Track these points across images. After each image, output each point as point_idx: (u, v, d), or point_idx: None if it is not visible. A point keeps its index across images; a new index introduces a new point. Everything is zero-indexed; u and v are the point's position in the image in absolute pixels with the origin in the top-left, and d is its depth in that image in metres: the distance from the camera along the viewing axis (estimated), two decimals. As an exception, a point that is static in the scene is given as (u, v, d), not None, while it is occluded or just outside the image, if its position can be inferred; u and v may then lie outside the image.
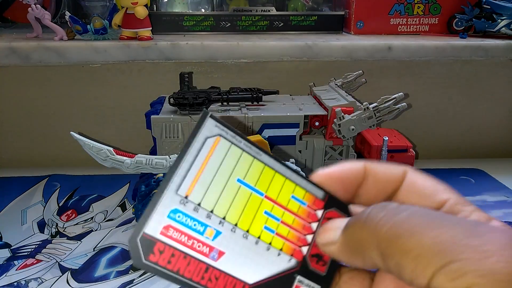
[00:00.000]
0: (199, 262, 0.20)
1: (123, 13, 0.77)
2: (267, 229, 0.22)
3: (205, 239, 0.21)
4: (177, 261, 0.20)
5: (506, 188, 0.78)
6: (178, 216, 0.20)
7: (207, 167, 0.21)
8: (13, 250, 0.60)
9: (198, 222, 0.21)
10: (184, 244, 0.20)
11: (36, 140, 0.85)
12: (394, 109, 0.61)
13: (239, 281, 0.21)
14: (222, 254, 0.21)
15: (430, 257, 0.17)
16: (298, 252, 0.23)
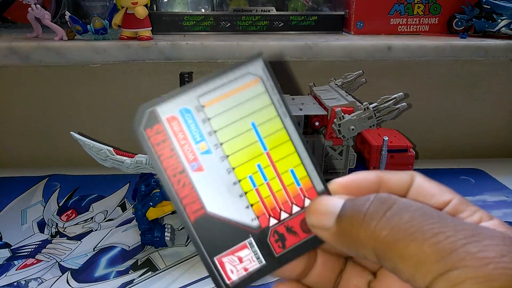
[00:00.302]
0: (179, 161, 0.22)
1: (123, 13, 0.77)
2: (250, 180, 0.22)
3: (196, 148, 0.22)
4: (164, 148, 0.22)
5: (506, 188, 0.78)
6: (187, 116, 0.22)
7: (234, 96, 0.22)
8: (13, 250, 0.60)
9: (199, 132, 0.22)
10: (178, 140, 0.22)
11: (36, 140, 0.85)
12: (394, 109, 0.61)
13: (199, 201, 0.22)
14: (201, 169, 0.22)
15: (430, 265, 0.17)
16: (265, 219, 0.23)
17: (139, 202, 0.58)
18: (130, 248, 0.61)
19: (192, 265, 0.57)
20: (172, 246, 0.61)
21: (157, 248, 0.60)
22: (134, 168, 0.55)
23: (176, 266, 0.57)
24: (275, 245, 0.22)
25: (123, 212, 0.70)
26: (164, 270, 0.56)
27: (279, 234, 0.23)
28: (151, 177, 0.60)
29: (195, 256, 0.59)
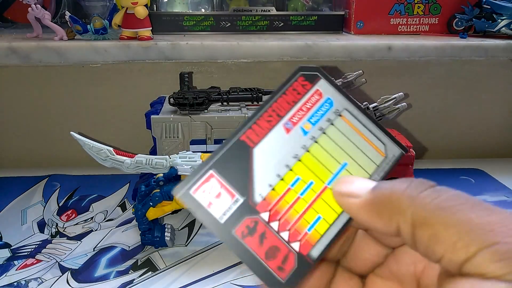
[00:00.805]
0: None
1: (123, 13, 0.77)
2: (294, 181, 0.23)
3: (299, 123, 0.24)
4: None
5: (506, 188, 0.78)
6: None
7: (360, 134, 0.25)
8: (13, 250, 0.60)
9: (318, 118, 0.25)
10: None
11: (36, 140, 0.85)
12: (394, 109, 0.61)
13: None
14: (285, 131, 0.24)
15: (477, 234, 0.17)
16: (264, 208, 0.22)
17: (139, 202, 0.58)
18: (130, 248, 0.61)
19: (192, 265, 0.57)
20: (172, 246, 0.61)
21: (157, 248, 0.60)
22: (134, 168, 0.55)
23: (176, 266, 0.57)
24: (239, 232, 0.22)
25: (123, 212, 0.70)
26: (164, 270, 0.56)
27: (252, 230, 0.22)
28: (151, 177, 0.60)
29: (195, 256, 0.59)
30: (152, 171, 0.56)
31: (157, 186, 0.57)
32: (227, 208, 0.22)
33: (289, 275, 0.21)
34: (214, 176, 0.22)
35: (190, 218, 0.68)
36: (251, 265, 0.21)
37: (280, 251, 0.22)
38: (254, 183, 0.22)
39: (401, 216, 0.19)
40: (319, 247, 0.22)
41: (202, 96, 0.64)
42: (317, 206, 0.22)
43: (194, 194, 0.22)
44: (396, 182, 0.20)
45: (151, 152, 0.70)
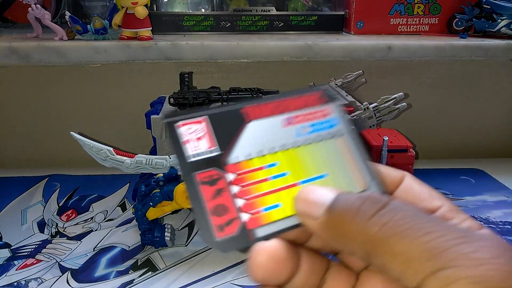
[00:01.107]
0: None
1: (123, 13, 0.77)
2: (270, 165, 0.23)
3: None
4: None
5: (506, 188, 0.78)
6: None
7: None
8: (13, 250, 0.60)
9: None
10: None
11: (36, 140, 0.85)
12: (394, 109, 0.61)
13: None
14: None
15: (421, 262, 0.17)
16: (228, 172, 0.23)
17: (139, 202, 0.58)
18: (130, 248, 0.61)
19: (192, 265, 0.57)
20: (172, 246, 0.61)
21: (157, 248, 0.60)
22: (134, 168, 0.55)
23: (176, 266, 0.57)
24: (200, 177, 0.22)
25: (123, 212, 0.70)
26: (164, 270, 0.56)
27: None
28: (151, 177, 0.60)
29: (195, 256, 0.59)
30: (152, 171, 0.56)
31: (157, 186, 0.57)
32: (200, 152, 0.23)
33: (226, 238, 0.21)
34: (205, 121, 0.23)
35: (190, 218, 0.68)
36: (196, 212, 0.22)
37: (228, 213, 0.22)
38: (236, 145, 0.23)
39: (354, 244, 0.19)
40: (266, 229, 0.22)
41: (202, 96, 0.64)
42: (281, 194, 0.23)
43: (177, 128, 0.23)
44: (350, 201, 0.20)
45: (151, 152, 0.70)
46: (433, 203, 0.22)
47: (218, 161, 0.22)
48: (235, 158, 0.23)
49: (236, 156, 0.23)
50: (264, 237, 0.22)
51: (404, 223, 0.18)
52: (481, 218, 0.68)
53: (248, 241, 0.21)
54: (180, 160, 0.22)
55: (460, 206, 0.72)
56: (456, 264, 0.16)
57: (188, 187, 0.22)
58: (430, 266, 0.17)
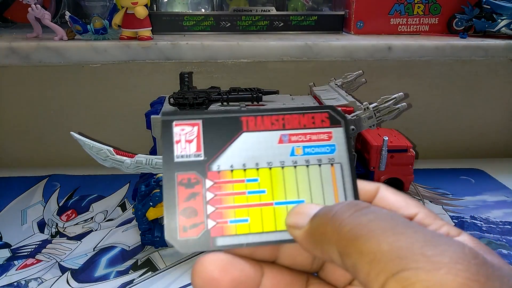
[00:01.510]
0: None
1: (123, 13, 0.77)
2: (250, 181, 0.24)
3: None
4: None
5: (506, 188, 0.78)
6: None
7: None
8: (13, 250, 0.60)
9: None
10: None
11: (36, 140, 0.85)
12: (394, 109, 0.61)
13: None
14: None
15: (385, 263, 0.17)
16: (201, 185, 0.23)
17: (139, 202, 0.58)
18: (130, 248, 0.61)
19: (192, 265, 0.57)
20: (172, 246, 0.61)
21: (157, 248, 0.60)
22: (134, 168, 0.55)
23: (176, 266, 0.57)
24: (179, 177, 0.23)
25: (123, 212, 0.70)
26: (164, 270, 0.56)
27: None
28: (151, 177, 0.60)
29: (195, 256, 0.59)
30: (152, 171, 0.56)
31: (157, 186, 0.57)
32: (187, 154, 0.23)
33: (187, 239, 0.22)
34: (198, 126, 0.24)
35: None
36: (166, 207, 0.22)
37: (195, 217, 0.22)
38: (221, 155, 0.23)
39: (330, 246, 0.19)
40: (226, 240, 0.22)
41: (202, 96, 0.64)
42: (252, 210, 0.23)
43: (174, 126, 0.24)
44: (330, 207, 0.21)
45: (151, 152, 0.70)
46: (410, 210, 0.22)
47: (201, 166, 0.23)
48: (217, 167, 0.23)
49: (219, 165, 0.23)
50: (223, 247, 0.22)
51: (375, 224, 0.18)
52: (481, 218, 0.68)
53: (208, 247, 0.22)
54: (166, 157, 0.23)
55: (460, 206, 0.72)
56: (416, 266, 0.16)
57: (166, 184, 0.23)
58: (392, 267, 0.17)
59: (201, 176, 0.23)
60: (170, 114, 0.24)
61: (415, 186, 0.78)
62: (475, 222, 0.67)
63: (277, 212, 0.23)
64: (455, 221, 0.67)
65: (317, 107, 0.25)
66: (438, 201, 0.74)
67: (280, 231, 0.23)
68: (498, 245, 0.61)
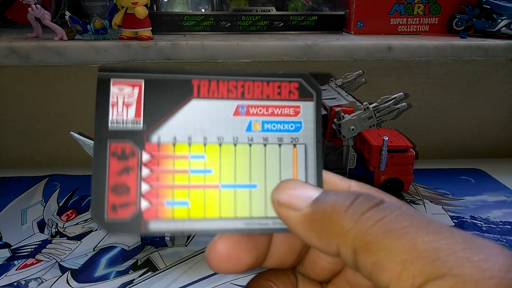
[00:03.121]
0: None
1: (123, 13, 0.77)
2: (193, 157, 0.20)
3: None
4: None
5: (506, 188, 0.78)
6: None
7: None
8: (13, 250, 0.60)
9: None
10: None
11: (36, 140, 0.85)
12: (394, 109, 0.61)
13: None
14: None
15: (424, 264, 0.15)
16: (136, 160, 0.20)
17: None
18: (130, 248, 0.61)
19: (192, 265, 0.57)
20: (172, 246, 0.61)
21: (157, 248, 0.60)
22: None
23: (176, 266, 0.57)
24: (112, 147, 0.20)
25: (123, 212, 0.70)
26: (164, 270, 0.56)
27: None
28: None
29: (195, 256, 0.59)
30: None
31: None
32: (123, 120, 0.20)
33: (115, 221, 0.19)
34: (140, 87, 0.20)
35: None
36: (94, 183, 0.19)
37: (127, 195, 0.20)
38: (164, 124, 0.20)
39: (342, 239, 0.17)
40: (161, 225, 0.20)
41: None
42: (193, 192, 0.20)
43: (112, 85, 0.20)
44: (340, 196, 0.18)
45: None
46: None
47: (138, 136, 0.20)
48: (157, 138, 0.20)
49: (159, 135, 0.20)
50: (156, 232, 0.20)
51: (404, 220, 0.16)
52: (481, 218, 0.68)
53: (139, 231, 0.20)
54: (99, 121, 0.20)
55: (460, 206, 0.72)
56: (463, 272, 0.14)
57: (96, 153, 0.20)
58: (434, 269, 0.15)
59: (137, 148, 0.20)
60: (108, 70, 0.20)
61: (415, 186, 0.78)
62: (475, 222, 0.67)
63: (224, 196, 0.20)
64: (455, 221, 0.67)
65: (287, 74, 0.21)
66: (438, 201, 0.74)
67: (224, 219, 0.20)
68: (498, 245, 0.61)
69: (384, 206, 0.17)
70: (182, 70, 0.20)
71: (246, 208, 0.20)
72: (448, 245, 0.15)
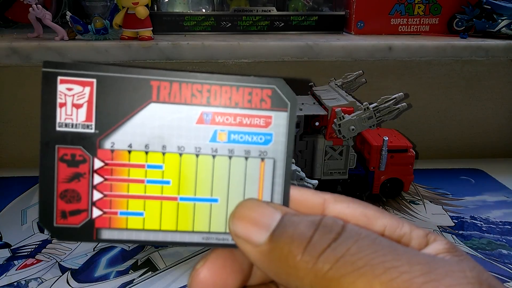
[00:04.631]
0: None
1: (124, 13, 0.77)
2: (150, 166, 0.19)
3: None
4: None
5: (506, 188, 0.78)
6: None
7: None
8: (13, 250, 0.60)
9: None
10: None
11: (36, 140, 0.85)
12: (394, 109, 0.61)
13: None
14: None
15: None
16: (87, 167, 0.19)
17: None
18: (130, 248, 0.61)
19: (192, 265, 0.57)
20: (172, 246, 0.61)
21: (157, 248, 0.60)
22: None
23: (176, 266, 0.57)
24: (60, 152, 0.19)
25: (124, 212, 0.70)
26: (164, 270, 0.56)
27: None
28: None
29: (195, 256, 0.59)
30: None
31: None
32: (73, 123, 0.18)
33: (65, 227, 0.19)
34: (92, 86, 0.18)
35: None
36: (42, 188, 0.19)
37: (78, 202, 0.19)
38: (118, 129, 0.18)
39: (299, 282, 0.17)
40: (114, 234, 0.19)
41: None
42: (149, 203, 0.19)
43: (59, 83, 0.18)
44: (299, 228, 0.17)
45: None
46: (375, 224, 0.19)
47: (90, 141, 0.18)
48: (111, 144, 0.18)
49: (113, 142, 0.18)
50: (107, 241, 0.19)
51: (360, 258, 0.16)
52: (481, 218, 0.68)
53: (90, 239, 0.19)
54: (45, 122, 0.19)
55: (460, 206, 0.72)
56: None
57: (43, 157, 0.19)
58: None
59: (88, 154, 0.18)
60: (54, 65, 0.18)
61: (415, 186, 0.78)
62: (475, 222, 0.67)
63: (182, 209, 0.19)
64: (455, 221, 0.67)
65: (260, 79, 0.19)
66: (438, 201, 0.74)
67: (181, 232, 0.19)
68: (498, 245, 0.61)
69: (342, 239, 0.17)
70: (140, 69, 0.18)
71: (205, 222, 0.20)
72: (406, 283, 0.15)
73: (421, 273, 0.15)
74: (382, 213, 0.20)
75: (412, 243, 0.19)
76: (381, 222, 0.19)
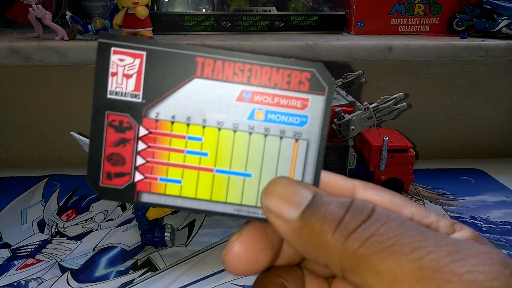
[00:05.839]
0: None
1: (124, 13, 0.77)
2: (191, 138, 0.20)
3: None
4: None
5: (506, 188, 0.78)
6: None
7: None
8: (13, 250, 0.60)
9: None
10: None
11: (36, 140, 0.85)
12: (394, 109, 0.61)
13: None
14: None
15: (409, 284, 0.15)
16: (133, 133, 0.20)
17: (139, 202, 0.58)
18: (130, 248, 0.61)
19: (192, 265, 0.57)
20: (172, 246, 0.61)
21: (157, 248, 0.60)
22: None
23: (176, 266, 0.57)
24: (110, 117, 0.20)
25: (123, 212, 0.70)
26: (164, 270, 0.56)
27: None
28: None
29: (195, 256, 0.59)
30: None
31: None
32: (122, 92, 0.19)
33: (109, 187, 0.20)
34: (142, 58, 0.19)
35: (190, 218, 0.68)
36: (91, 151, 0.20)
37: (122, 166, 0.20)
38: (163, 101, 0.19)
39: (329, 258, 0.17)
40: (152, 198, 0.20)
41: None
42: (187, 173, 0.20)
43: (112, 53, 0.19)
44: (330, 208, 0.18)
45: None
46: (403, 211, 0.20)
47: (137, 109, 0.19)
48: (155, 114, 0.19)
49: (158, 112, 0.19)
50: (146, 203, 0.20)
51: (390, 238, 0.16)
52: (481, 218, 0.68)
53: (131, 200, 0.20)
54: (98, 90, 0.19)
55: (460, 206, 0.72)
56: (449, 287, 0.15)
57: (94, 122, 0.20)
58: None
59: (135, 122, 0.19)
60: (109, 37, 0.19)
61: (415, 186, 0.78)
62: (475, 222, 0.67)
63: (217, 180, 0.20)
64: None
65: (300, 62, 0.19)
66: (438, 201, 0.74)
67: (214, 202, 0.20)
68: (498, 245, 0.61)
69: (372, 220, 0.17)
70: (187, 46, 0.19)
71: (237, 195, 0.20)
72: (433, 262, 0.15)
73: (448, 253, 0.16)
74: (410, 202, 0.20)
75: (439, 231, 0.19)
76: (409, 210, 0.20)
